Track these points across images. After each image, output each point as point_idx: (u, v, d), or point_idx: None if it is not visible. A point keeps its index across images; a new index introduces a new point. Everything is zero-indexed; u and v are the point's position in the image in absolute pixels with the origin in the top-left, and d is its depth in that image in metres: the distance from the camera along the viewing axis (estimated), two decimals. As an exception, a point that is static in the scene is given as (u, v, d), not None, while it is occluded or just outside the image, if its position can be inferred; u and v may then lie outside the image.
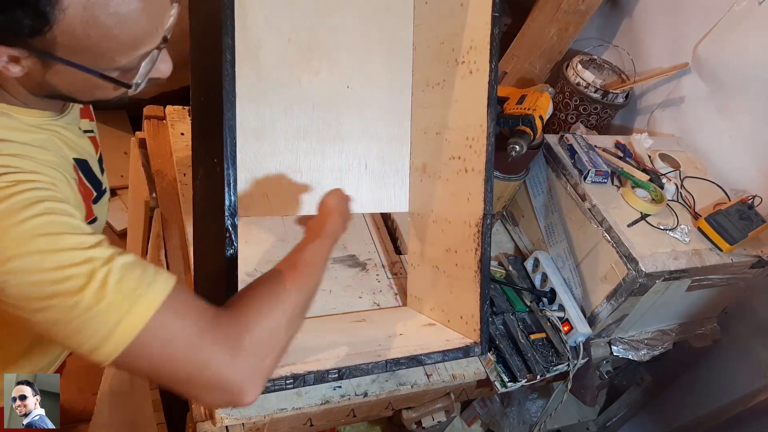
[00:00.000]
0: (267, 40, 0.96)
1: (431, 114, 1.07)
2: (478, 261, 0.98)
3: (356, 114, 1.06)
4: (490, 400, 1.55)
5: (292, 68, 0.99)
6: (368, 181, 1.09)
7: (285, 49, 0.98)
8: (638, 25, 1.69)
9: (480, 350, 0.96)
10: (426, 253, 1.12)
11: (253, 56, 0.95)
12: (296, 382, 0.82)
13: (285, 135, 1.00)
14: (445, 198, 1.05)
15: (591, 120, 1.61)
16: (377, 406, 1.10)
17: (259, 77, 0.96)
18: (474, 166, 0.99)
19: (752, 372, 1.48)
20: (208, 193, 0.84)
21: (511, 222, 1.44)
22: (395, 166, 1.11)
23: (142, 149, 1.30)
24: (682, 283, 1.21)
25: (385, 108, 1.08)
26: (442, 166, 1.05)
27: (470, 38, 0.99)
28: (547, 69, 1.72)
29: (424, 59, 1.08)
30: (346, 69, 1.04)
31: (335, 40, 1.02)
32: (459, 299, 1.02)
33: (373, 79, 1.06)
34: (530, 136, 1.16)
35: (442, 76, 1.04)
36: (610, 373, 1.39)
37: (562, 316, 1.22)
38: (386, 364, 0.88)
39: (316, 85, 1.01)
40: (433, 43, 1.06)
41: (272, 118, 0.98)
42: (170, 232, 1.15)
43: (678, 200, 1.31)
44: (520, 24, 1.70)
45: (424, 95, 1.09)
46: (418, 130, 1.11)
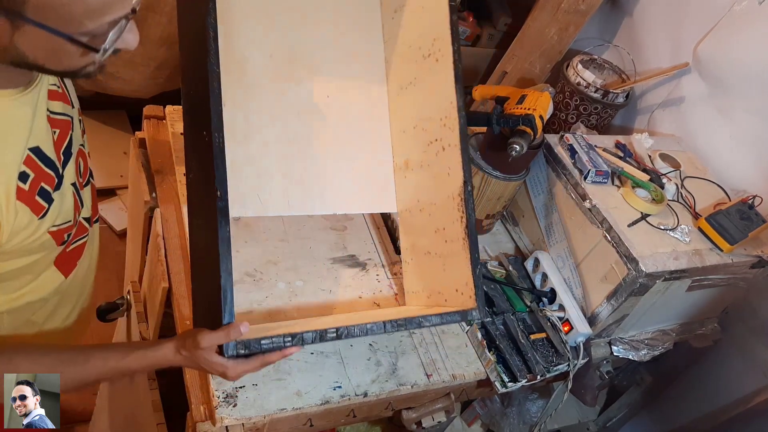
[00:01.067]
0: (251, 56, 1.04)
1: (407, 112, 1.13)
2: (465, 228, 1.00)
3: (338, 121, 1.12)
4: (490, 400, 1.55)
5: (276, 81, 1.06)
6: (355, 182, 1.13)
7: (268, 64, 1.06)
8: (639, 25, 1.69)
9: (477, 314, 0.96)
10: (417, 244, 1.13)
11: (239, 71, 1.02)
12: (294, 340, 0.82)
13: (273, 139, 1.05)
14: (428, 183, 1.09)
15: (591, 120, 1.61)
16: (377, 406, 1.10)
17: (246, 92, 1.03)
18: (450, 142, 1.04)
19: (752, 372, 1.48)
20: (200, 185, 0.87)
21: (511, 222, 1.44)
22: (379, 168, 1.16)
23: (142, 149, 1.29)
24: (682, 283, 1.21)
25: (364, 114, 1.15)
26: (422, 154, 1.10)
27: (433, 33, 1.06)
28: (548, 69, 1.72)
29: (396, 64, 1.16)
30: (325, 80, 1.12)
31: (313, 54, 1.11)
32: (452, 274, 1.03)
33: (350, 88, 1.14)
34: (530, 136, 1.16)
35: (413, 74, 1.11)
36: (610, 373, 1.39)
37: (563, 316, 1.22)
38: (384, 325, 0.88)
39: (300, 95, 1.09)
40: (401, 49, 1.14)
41: (260, 124, 1.04)
42: (170, 232, 1.15)
43: (678, 200, 1.31)
44: (520, 24, 1.70)
45: (399, 97, 1.15)
46: (397, 131, 1.16)
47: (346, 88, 1.14)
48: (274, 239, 1.19)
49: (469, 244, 0.99)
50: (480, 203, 1.31)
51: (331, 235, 1.25)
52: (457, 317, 0.95)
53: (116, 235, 2.38)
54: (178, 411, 1.02)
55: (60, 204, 0.86)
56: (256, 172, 1.03)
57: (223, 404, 0.94)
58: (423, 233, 1.11)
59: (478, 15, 1.88)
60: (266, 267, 1.14)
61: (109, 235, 2.39)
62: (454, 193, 1.03)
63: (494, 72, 1.77)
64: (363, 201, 1.14)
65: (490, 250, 1.38)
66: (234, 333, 0.80)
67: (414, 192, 1.13)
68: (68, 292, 1.01)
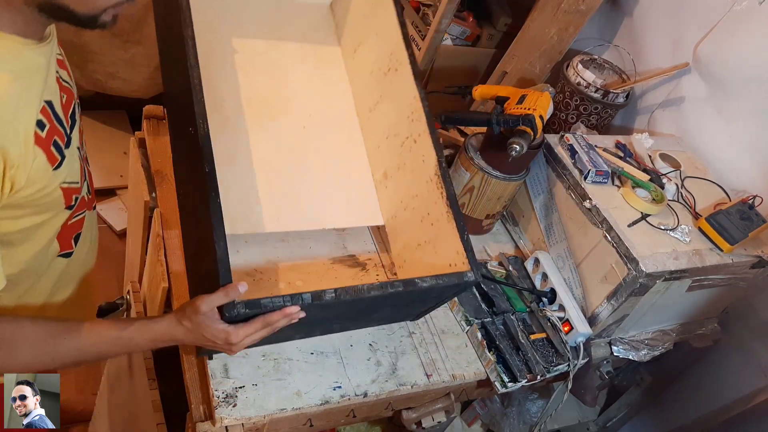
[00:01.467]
0: (228, 99, 1.14)
1: (379, 128, 1.21)
2: (446, 200, 1.03)
3: (316, 146, 1.20)
4: (490, 400, 1.56)
5: (254, 118, 1.16)
6: (339, 200, 1.18)
7: (245, 104, 1.16)
8: (639, 25, 1.69)
9: (472, 276, 0.97)
10: (408, 242, 1.14)
11: (216, 111, 1.11)
12: (293, 300, 0.83)
13: (256, 165, 1.12)
14: (407, 180, 1.13)
15: (591, 120, 1.61)
16: (377, 406, 1.10)
17: (225, 123, 1.12)
18: (419, 132, 1.09)
19: (752, 372, 1.48)
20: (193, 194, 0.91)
21: (511, 222, 1.44)
22: (361, 185, 1.21)
23: (142, 149, 1.29)
24: (682, 283, 1.21)
25: (339, 139, 1.23)
26: (397, 158, 1.15)
27: (389, 49, 1.16)
28: (548, 69, 1.72)
29: (361, 90, 1.26)
30: (299, 115, 1.21)
31: (286, 95, 1.21)
32: (444, 252, 1.04)
33: (323, 118, 1.23)
34: (530, 136, 1.16)
35: (378, 93, 1.20)
36: (610, 374, 1.39)
37: (563, 316, 1.22)
38: (382, 286, 0.89)
39: (277, 127, 1.17)
40: (364, 77, 1.24)
41: (245, 150, 1.12)
42: (170, 232, 1.14)
43: (678, 200, 1.31)
44: (520, 24, 1.70)
45: (369, 117, 1.24)
46: (372, 147, 1.23)
47: (319, 119, 1.22)
48: (274, 239, 1.19)
49: (453, 213, 1.02)
50: (480, 203, 1.31)
51: (331, 235, 1.25)
52: (454, 279, 0.96)
53: (116, 235, 2.38)
54: (178, 411, 1.02)
55: (70, 162, 0.88)
56: (243, 192, 1.08)
57: (223, 404, 0.94)
58: (411, 228, 1.13)
59: (478, 15, 1.88)
60: (266, 267, 1.14)
61: (109, 235, 2.39)
62: (432, 175, 1.06)
63: (494, 72, 1.76)
64: (349, 217, 1.18)
65: (490, 250, 1.38)
66: (232, 293, 0.80)
67: (396, 196, 1.16)
68: (67, 274, 1.02)
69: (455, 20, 1.79)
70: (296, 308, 0.84)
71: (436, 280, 0.94)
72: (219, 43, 1.18)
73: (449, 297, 1.08)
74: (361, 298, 0.88)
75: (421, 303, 1.08)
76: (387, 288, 0.89)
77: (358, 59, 1.26)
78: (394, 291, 0.89)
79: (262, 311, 0.82)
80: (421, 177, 1.09)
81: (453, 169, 1.33)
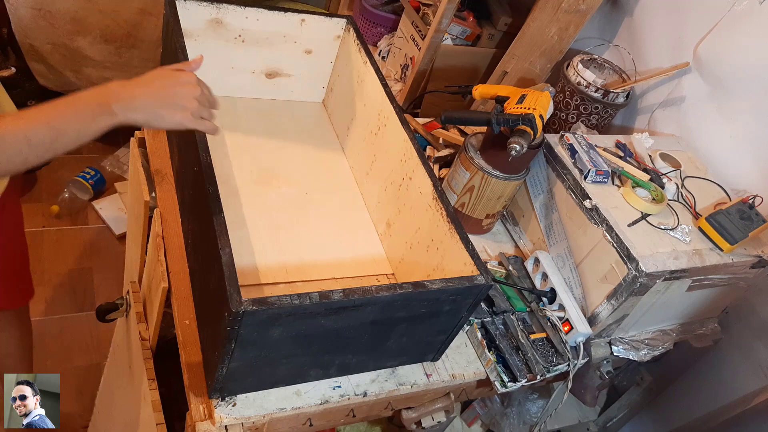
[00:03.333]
0: (235, 172, 1.28)
1: (377, 185, 1.29)
2: (447, 219, 1.04)
3: (319, 210, 1.29)
4: (490, 400, 1.56)
5: (259, 187, 1.28)
6: (346, 255, 1.22)
7: (250, 176, 1.29)
8: (639, 25, 1.69)
9: (483, 279, 0.96)
10: (419, 276, 1.13)
11: (226, 181, 1.25)
12: (301, 299, 0.83)
13: (262, 227, 1.20)
14: (409, 219, 1.17)
15: (591, 119, 1.61)
16: (377, 406, 1.10)
17: (230, 192, 1.24)
18: (413, 168, 1.15)
19: (753, 372, 1.48)
20: None
21: (511, 222, 1.44)
22: (366, 240, 1.27)
23: (142, 149, 1.29)
24: (682, 283, 1.21)
25: (341, 202, 1.33)
26: (396, 202, 1.21)
27: (376, 110, 1.26)
28: (548, 68, 1.72)
29: (357, 157, 1.38)
30: (300, 184, 1.32)
31: (287, 166, 1.35)
32: (453, 268, 1.03)
33: (324, 185, 1.34)
34: (530, 136, 1.16)
35: (372, 153, 1.29)
36: (610, 374, 1.39)
37: (562, 316, 1.22)
38: (390, 287, 0.89)
39: (280, 195, 1.28)
40: (357, 146, 1.37)
41: (251, 215, 1.22)
42: (170, 232, 1.14)
43: (678, 200, 1.31)
44: (520, 24, 1.70)
45: (367, 179, 1.33)
46: (372, 204, 1.31)
47: (320, 186, 1.34)
48: (273, 239, 1.20)
49: (456, 228, 1.03)
50: (480, 203, 1.31)
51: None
52: (464, 282, 0.95)
53: (116, 238, 2.39)
54: (178, 411, 1.02)
55: None
56: (250, 250, 1.15)
57: (223, 404, 0.94)
58: (418, 262, 1.13)
59: (478, 15, 1.88)
60: (266, 267, 1.14)
61: (108, 237, 2.40)
62: (430, 201, 1.09)
63: (494, 72, 1.76)
64: (357, 268, 1.21)
65: (490, 250, 1.38)
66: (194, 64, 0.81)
67: (401, 239, 1.20)
68: None
69: (455, 20, 1.79)
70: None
71: (446, 282, 0.93)
72: (226, 134, 1.35)
73: (465, 309, 1.02)
74: (370, 300, 0.87)
75: (435, 317, 1.01)
76: (396, 289, 0.89)
77: (351, 132, 1.39)
78: (403, 292, 0.89)
79: (270, 308, 0.82)
80: (420, 208, 1.12)
81: (453, 168, 1.33)
